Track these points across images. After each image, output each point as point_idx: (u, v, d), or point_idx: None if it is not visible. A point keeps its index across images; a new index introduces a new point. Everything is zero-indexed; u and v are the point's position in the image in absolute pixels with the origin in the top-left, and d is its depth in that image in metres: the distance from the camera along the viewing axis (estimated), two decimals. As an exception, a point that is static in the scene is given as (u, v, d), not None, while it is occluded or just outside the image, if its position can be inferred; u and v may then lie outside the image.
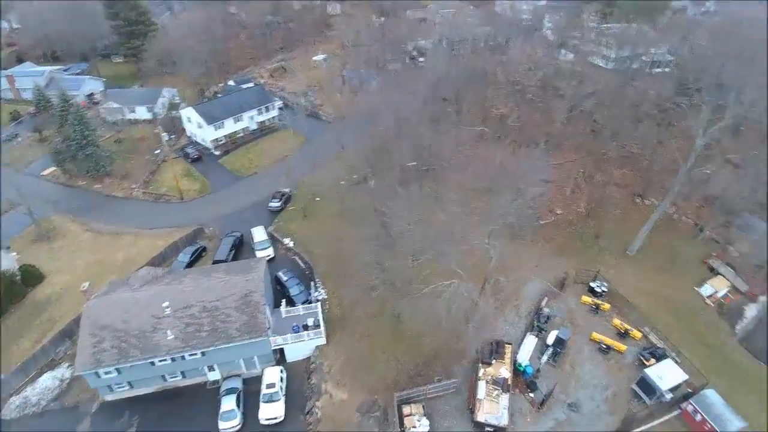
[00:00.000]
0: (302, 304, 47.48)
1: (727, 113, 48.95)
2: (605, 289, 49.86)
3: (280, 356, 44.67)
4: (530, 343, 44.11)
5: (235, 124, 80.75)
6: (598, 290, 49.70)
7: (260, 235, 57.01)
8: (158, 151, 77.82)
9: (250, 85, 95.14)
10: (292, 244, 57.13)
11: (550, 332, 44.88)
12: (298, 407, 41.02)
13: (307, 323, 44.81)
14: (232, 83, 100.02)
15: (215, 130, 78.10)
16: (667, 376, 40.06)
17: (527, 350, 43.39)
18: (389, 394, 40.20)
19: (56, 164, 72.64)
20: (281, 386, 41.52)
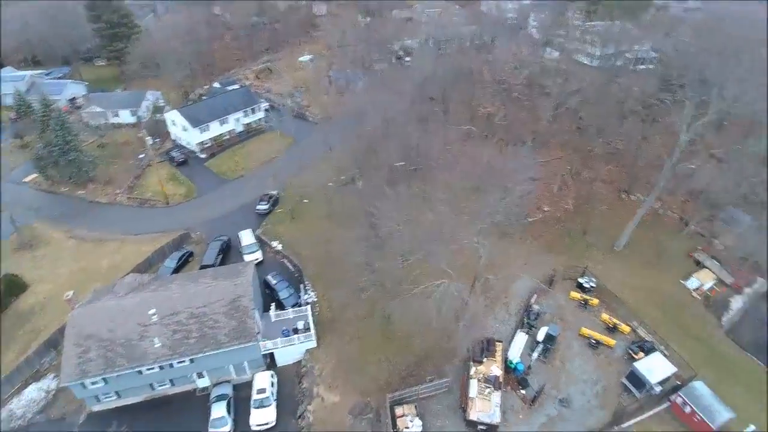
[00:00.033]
0: (292, 307, 47.25)
1: (710, 109, 49.63)
2: (593, 284, 50.36)
3: (270, 361, 44.34)
4: (520, 340, 44.35)
5: (220, 126, 79.87)
6: (586, 286, 50.20)
7: (248, 238, 56.53)
8: (142, 155, 76.64)
9: (235, 86, 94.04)
10: (280, 246, 56.69)
11: (540, 329, 45.19)
12: (289, 412, 40.75)
13: (297, 327, 44.47)
14: (217, 85, 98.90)
15: (200, 133, 77.18)
16: (656, 369, 40.61)
17: (518, 347, 43.61)
18: (381, 395, 40.15)
19: (38, 170, 71.15)
20: (272, 391, 41.27)
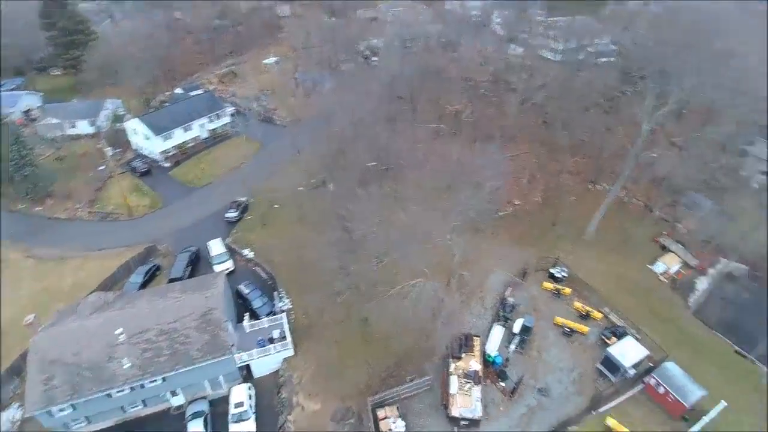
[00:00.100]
0: (266, 316, 46.30)
1: (670, 99, 51.29)
2: (565, 274, 51.39)
3: (246, 373, 43.29)
4: (497, 333, 44.84)
5: (184, 133, 77.80)
6: (558, 276, 51.20)
7: (218, 248, 55.11)
8: (103, 166, 73.78)
9: (199, 92, 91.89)
10: (252, 254, 55.52)
11: (515, 321, 45.80)
12: (269, 424, 39.88)
13: (272, 336, 43.61)
14: (179, 91, 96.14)
15: (164, 141, 74.93)
16: (628, 353, 41.68)
17: (495, 341, 44.11)
18: (362, 399, 39.86)
19: (-9, 188, 67.51)
20: (250, 404, 40.33)
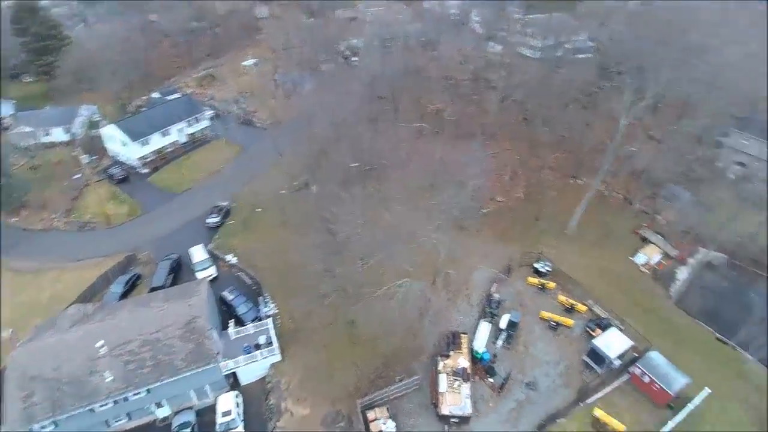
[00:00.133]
0: (252, 322, 45.64)
1: (647, 93, 52.20)
2: (549, 268, 51.86)
3: (233, 380, 42.71)
4: (484, 329, 45.03)
5: (162, 138, 76.47)
6: (542, 270, 51.68)
7: (200, 254, 54.20)
8: (79, 175, 72.13)
9: (176, 95, 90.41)
10: (235, 260, 54.77)
11: (502, 316, 46.08)
12: (258, 431, 39.34)
13: (258, 342, 43.07)
14: (156, 95, 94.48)
15: (141, 146, 73.54)
16: (613, 344, 42.26)
17: (482, 337, 44.29)
18: (352, 401, 39.63)
19: (-38, 200, 65.32)
20: (238, 412, 39.86)
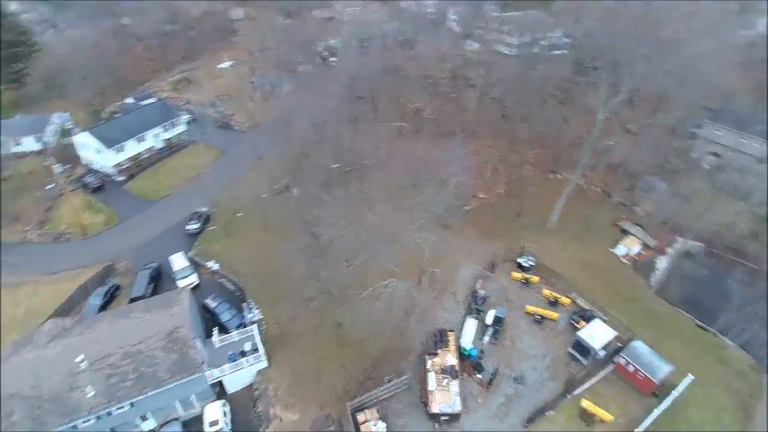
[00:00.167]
0: (236, 329, 45.08)
1: (622, 87, 53.14)
2: (532, 262, 52.43)
3: (219, 389, 42.11)
4: (471, 326, 45.27)
5: (138, 144, 74.95)
6: (525, 265, 52.22)
7: (180, 262, 53.16)
8: (52, 185, 70.09)
9: (151, 100, 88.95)
10: (217, 266, 53.85)
11: (487, 312, 46.40)
12: (247, 439, 38.90)
13: (244, 349, 42.46)
14: (130, 100, 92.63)
15: (116, 153, 71.91)
16: (598, 335, 42.90)
17: (469, 334, 44.50)
18: (341, 404, 39.45)
19: (-71, 215, 62.79)
20: (226, 421, 39.43)
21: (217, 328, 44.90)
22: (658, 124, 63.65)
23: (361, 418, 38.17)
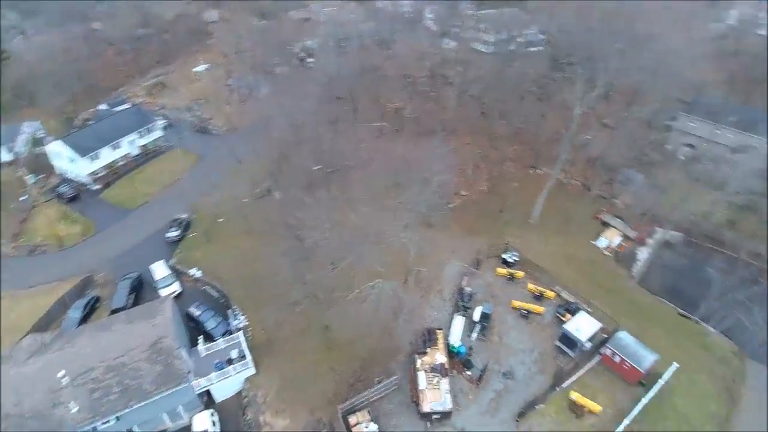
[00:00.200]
0: (222, 336, 44.36)
1: (598, 82, 54.04)
2: (516, 258, 52.89)
3: (207, 399, 41.45)
4: (459, 323, 45.42)
5: (113, 152, 73.15)
6: (510, 260, 52.65)
7: (161, 270, 52.11)
8: (25, 196, 67.96)
9: (125, 106, 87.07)
10: (199, 273, 52.96)
11: (474, 309, 46.61)
12: (237, 448, 38.35)
13: (231, 357, 41.81)
14: (104, 107, 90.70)
15: (91, 162, 69.98)
16: (583, 327, 43.48)
17: (457, 331, 44.66)
18: (332, 408, 39.17)
19: None
20: (215, 431, 38.66)
21: (202, 336, 44.11)
22: (633, 117, 65.07)
23: (352, 420, 37.94)
